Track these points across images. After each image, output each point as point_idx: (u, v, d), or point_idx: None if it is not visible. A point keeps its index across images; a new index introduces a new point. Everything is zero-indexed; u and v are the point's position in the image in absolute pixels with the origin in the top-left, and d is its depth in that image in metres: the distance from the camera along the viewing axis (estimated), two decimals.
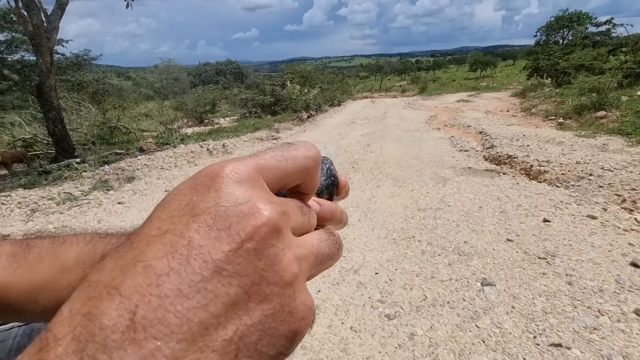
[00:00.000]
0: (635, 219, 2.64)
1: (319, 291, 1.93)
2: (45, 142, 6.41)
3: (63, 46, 16.81)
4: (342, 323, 1.66)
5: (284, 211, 0.17)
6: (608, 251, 2.15)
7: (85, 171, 4.71)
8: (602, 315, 1.57)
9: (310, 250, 0.18)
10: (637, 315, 1.55)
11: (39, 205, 3.62)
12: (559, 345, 1.40)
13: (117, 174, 4.65)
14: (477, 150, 5.75)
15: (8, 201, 3.62)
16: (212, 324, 0.14)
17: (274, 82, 13.39)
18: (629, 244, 2.23)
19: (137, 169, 4.90)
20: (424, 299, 1.80)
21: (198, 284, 0.14)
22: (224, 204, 0.16)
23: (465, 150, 5.70)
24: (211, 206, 0.16)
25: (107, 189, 4.19)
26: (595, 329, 1.48)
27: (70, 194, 3.96)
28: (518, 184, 3.68)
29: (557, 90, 12.26)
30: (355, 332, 1.60)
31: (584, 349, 1.38)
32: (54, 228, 3.15)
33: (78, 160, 5.28)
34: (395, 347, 1.48)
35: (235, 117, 12.49)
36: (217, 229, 0.15)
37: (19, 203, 3.60)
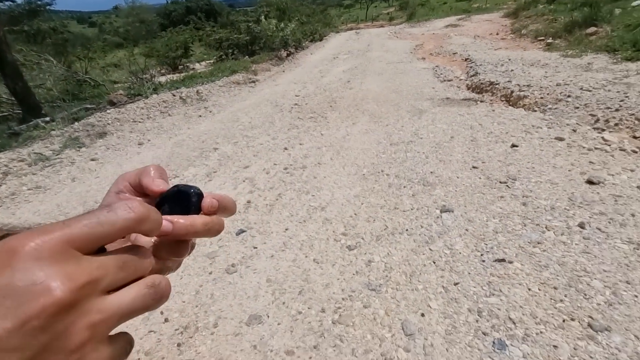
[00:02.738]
0: (602, 137, 2.66)
1: (286, 229, 2.00)
2: (10, 102, 6.05)
3: None
4: (306, 257, 1.75)
5: (88, 281, 0.19)
6: (568, 171, 2.21)
7: (54, 129, 4.53)
8: (548, 230, 1.66)
9: (113, 312, 0.20)
10: (581, 227, 1.65)
11: (10, 168, 3.55)
12: (502, 260, 1.50)
13: (88, 130, 4.49)
14: (460, 80, 5.58)
15: None
16: None
17: (248, 18, 12.34)
18: (590, 162, 2.27)
19: (108, 124, 4.73)
20: (384, 229, 1.87)
21: None
22: (18, 282, 0.17)
23: (449, 80, 5.53)
24: (5, 285, 0.17)
25: (78, 147, 4.08)
26: (538, 243, 1.58)
27: (41, 154, 3.86)
28: (494, 111, 3.64)
29: (551, 6, 11.50)
30: (317, 263, 1.69)
31: (525, 261, 1.49)
32: (29, 190, 3.13)
33: (47, 119, 5.04)
34: (353, 274, 1.58)
35: (212, 61, 11.74)
36: (5, 307, 0.16)
37: None
